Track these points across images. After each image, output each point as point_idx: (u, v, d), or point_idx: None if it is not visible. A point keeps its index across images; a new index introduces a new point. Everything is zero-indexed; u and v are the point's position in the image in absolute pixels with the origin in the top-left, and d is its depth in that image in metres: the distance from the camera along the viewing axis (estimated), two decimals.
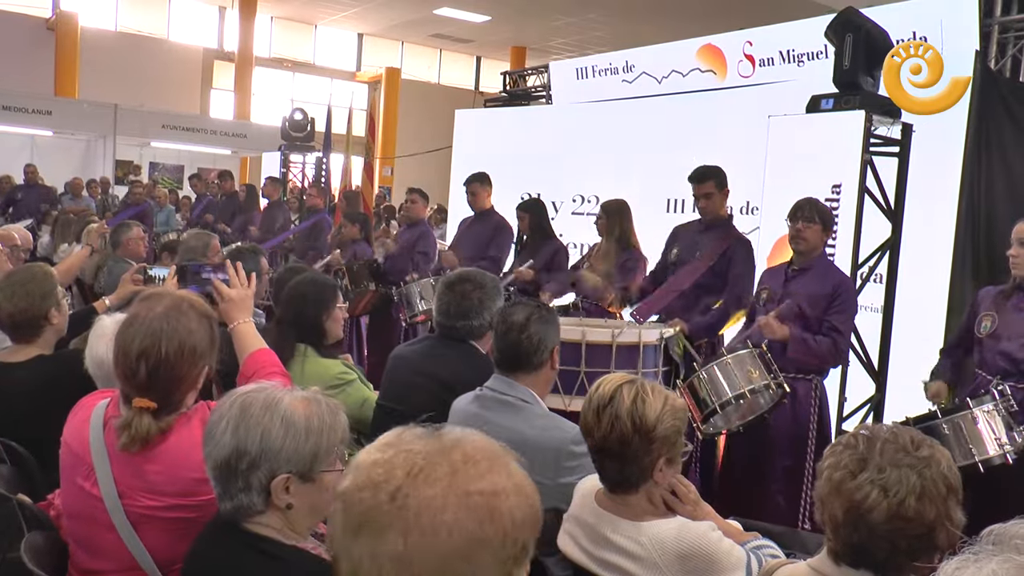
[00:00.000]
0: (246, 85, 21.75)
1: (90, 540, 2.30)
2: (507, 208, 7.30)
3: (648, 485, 2.20)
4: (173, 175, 19.94)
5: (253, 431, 1.81)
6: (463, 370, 3.32)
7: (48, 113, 17.28)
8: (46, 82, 19.67)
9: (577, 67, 10.29)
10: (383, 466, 1.12)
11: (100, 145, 18.10)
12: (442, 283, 3.56)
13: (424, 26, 23.46)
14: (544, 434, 2.72)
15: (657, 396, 2.19)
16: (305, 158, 14.27)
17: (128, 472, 2.22)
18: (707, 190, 5.31)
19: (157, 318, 2.22)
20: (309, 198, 10.92)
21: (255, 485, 1.81)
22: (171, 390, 2.22)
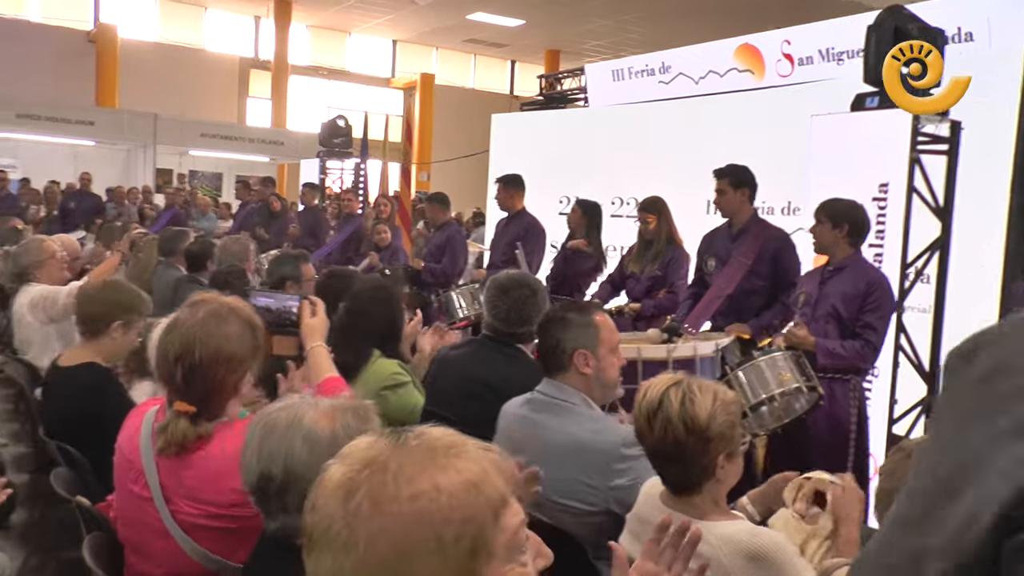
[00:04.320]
0: (282, 93, 21.94)
1: (141, 543, 2.34)
2: (545, 211, 7.28)
3: (711, 484, 2.16)
4: (211, 183, 20.16)
5: (276, 454, 1.77)
6: (511, 374, 3.31)
7: (90, 123, 17.57)
8: (88, 93, 20.03)
9: (613, 69, 10.25)
10: (326, 482, 1.10)
11: (141, 154, 18.35)
12: (495, 288, 3.53)
13: (457, 31, 23.52)
14: (595, 437, 2.69)
15: (706, 393, 2.15)
16: (344, 164, 14.35)
17: (171, 478, 2.25)
18: (720, 187, 5.27)
19: (196, 323, 2.26)
20: (346, 204, 10.97)
21: (291, 506, 1.75)
22: (208, 395, 2.24)
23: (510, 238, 7.25)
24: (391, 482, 1.05)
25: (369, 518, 1.03)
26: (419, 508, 1.04)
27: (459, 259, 7.95)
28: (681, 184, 7.88)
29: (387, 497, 1.04)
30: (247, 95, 24.18)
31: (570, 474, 2.63)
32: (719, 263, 5.29)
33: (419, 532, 1.03)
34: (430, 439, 1.12)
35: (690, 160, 8.09)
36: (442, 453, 1.10)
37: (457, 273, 7.83)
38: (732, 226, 5.31)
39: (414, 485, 1.05)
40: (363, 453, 1.10)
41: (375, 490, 1.05)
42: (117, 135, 18.14)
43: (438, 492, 1.05)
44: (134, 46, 21.28)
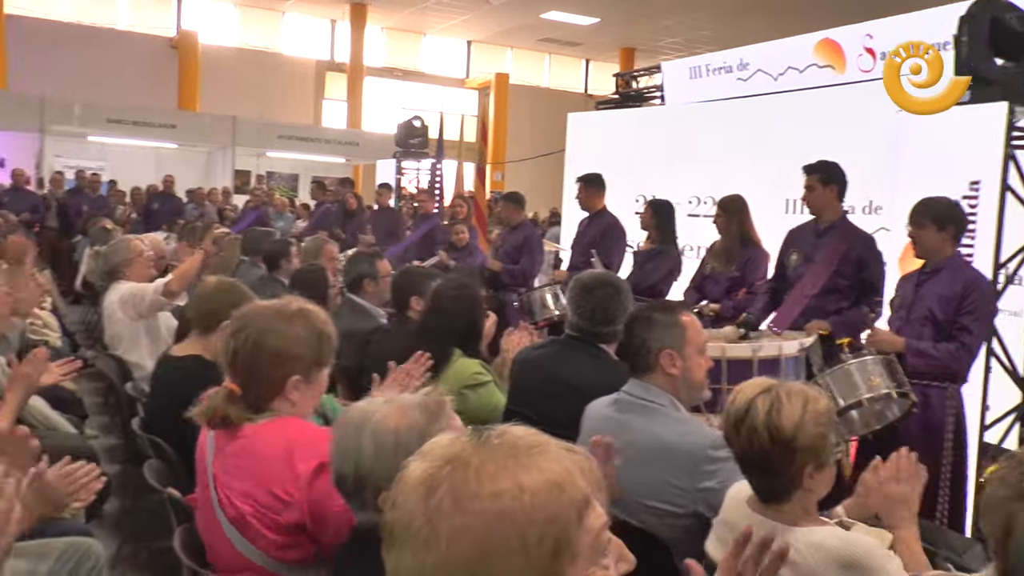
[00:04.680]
0: (357, 95, 22.21)
1: (206, 534, 2.42)
2: (621, 211, 7.23)
3: (800, 493, 2.10)
4: (288, 183, 20.50)
5: (348, 453, 1.81)
6: (594, 374, 3.28)
7: (172, 127, 17.99)
8: (170, 97, 20.64)
9: (690, 66, 10.14)
10: (406, 479, 1.09)
11: (220, 156, 18.74)
12: (579, 287, 3.50)
13: (532, 31, 23.54)
14: (681, 438, 2.65)
15: (795, 402, 2.07)
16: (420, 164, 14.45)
17: (224, 472, 2.31)
18: (809, 183, 5.14)
19: (261, 311, 2.37)
20: (421, 204, 11.04)
21: (369, 503, 1.79)
22: (251, 381, 2.31)
23: (591, 238, 7.21)
24: (473, 479, 1.04)
25: (451, 515, 1.02)
26: (502, 507, 1.03)
27: (537, 259, 7.93)
28: (760, 183, 7.75)
29: (469, 494, 1.03)
30: (323, 97, 24.57)
31: (656, 475, 2.60)
32: (802, 258, 5.18)
33: (502, 531, 1.02)
34: (512, 438, 1.11)
35: (769, 158, 7.96)
36: (524, 452, 1.08)
37: (534, 274, 7.81)
38: (818, 223, 5.20)
39: (497, 483, 1.04)
40: (444, 450, 1.10)
41: (457, 487, 1.04)
42: (198, 138, 18.57)
43: (521, 491, 1.04)
44: (214, 51, 21.85)
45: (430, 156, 13.63)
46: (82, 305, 10.40)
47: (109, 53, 20.85)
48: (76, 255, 11.51)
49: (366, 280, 4.89)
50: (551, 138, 16.40)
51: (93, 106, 16.97)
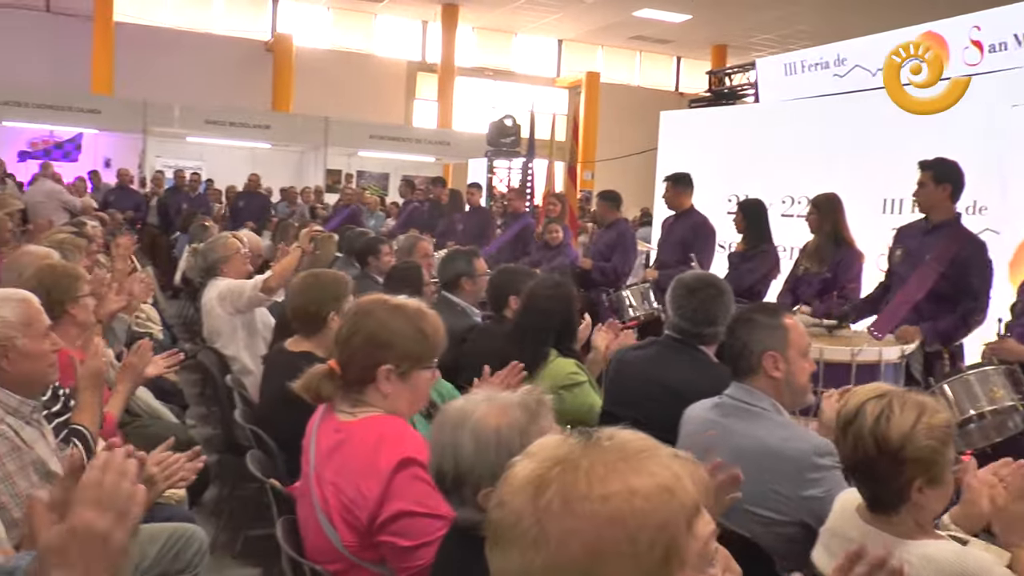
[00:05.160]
0: (448, 94, 22.39)
1: (304, 524, 2.45)
2: (714, 210, 7.12)
3: (909, 507, 2.00)
4: (378, 182, 20.77)
5: (447, 450, 1.81)
6: (694, 377, 3.23)
7: (267, 127, 18.40)
8: (264, 99, 21.16)
9: (785, 63, 9.97)
10: (513, 479, 1.07)
11: (312, 156, 19.09)
12: (682, 287, 3.45)
13: (623, 28, 23.40)
14: (786, 444, 2.59)
15: (908, 412, 1.98)
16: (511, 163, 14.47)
17: (323, 465, 2.35)
18: (922, 179, 4.96)
19: (372, 301, 2.45)
20: (511, 203, 11.06)
21: (467, 499, 1.80)
22: (348, 363, 2.37)
23: (678, 237, 7.13)
24: (583, 481, 1.03)
25: (560, 517, 1.01)
26: (612, 510, 1.02)
27: (629, 258, 7.86)
28: (857, 182, 7.56)
29: (579, 496, 1.02)
30: (414, 97, 24.87)
31: (760, 482, 2.54)
32: (907, 255, 5.02)
33: (612, 534, 1.01)
34: (621, 440, 1.09)
35: (867, 157, 7.77)
36: (634, 455, 1.07)
37: (627, 272, 7.74)
38: (928, 221, 5.04)
39: (607, 486, 1.03)
40: (553, 451, 1.09)
41: (567, 488, 1.03)
42: (291, 138, 18.95)
43: (632, 495, 1.02)
44: (308, 53, 22.32)
45: (521, 155, 13.65)
46: (179, 300, 10.72)
47: (207, 57, 21.58)
48: (175, 251, 11.85)
49: (464, 279, 4.89)
50: (641, 137, 16.32)
51: (192, 108, 17.48)
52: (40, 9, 21.02)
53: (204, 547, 3.02)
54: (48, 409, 2.98)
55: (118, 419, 3.40)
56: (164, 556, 2.88)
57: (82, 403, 3.12)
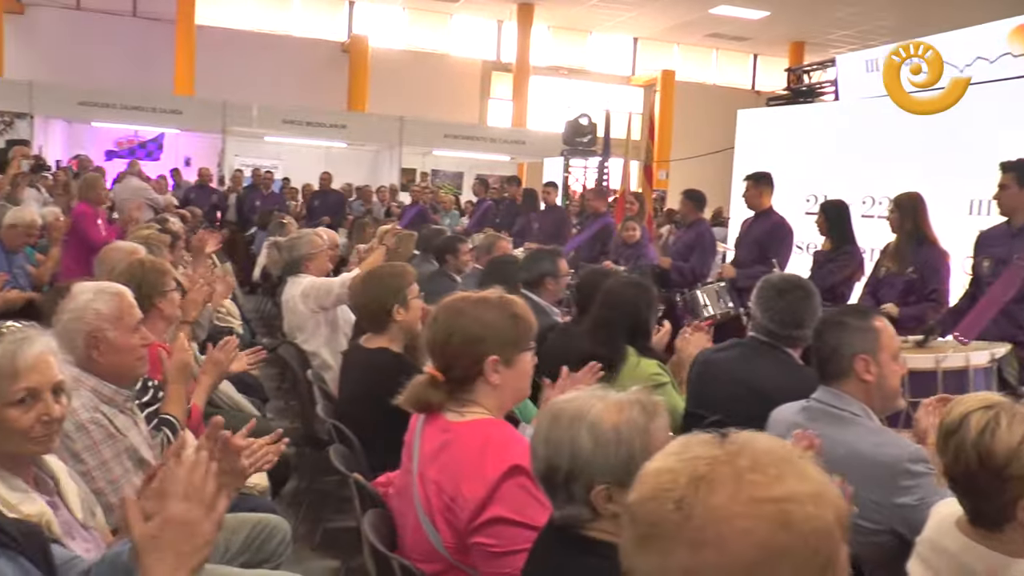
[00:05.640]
0: (523, 94, 22.41)
1: (402, 519, 2.47)
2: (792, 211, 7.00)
3: (1015, 526, 1.89)
4: (453, 181, 20.89)
5: (563, 444, 1.79)
6: (782, 379, 3.18)
7: (342, 127, 18.62)
8: (340, 99, 21.52)
9: (867, 59, 9.76)
10: (667, 475, 1.04)
11: (387, 155, 19.26)
12: (770, 288, 3.39)
13: (699, 26, 23.17)
14: (878, 450, 2.51)
15: (1017, 427, 1.87)
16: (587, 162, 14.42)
17: (427, 463, 2.36)
18: (1004, 181, 4.79)
19: (455, 300, 2.47)
20: (590, 202, 11.02)
21: (577, 496, 1.78)
22: (451, 365, 2.38)
23: (755, 237, 7.02)
24: (758, 481, 1.02)
25: (736, 516, 1.00)
26: (787, 512, 1.00)
27: (708, 259, 7.76)
28: (942, 182, 7.36)
29: (755, 496, 1.01)
30: (488, 96, 24.99)
31: None
32: (995, 264, 4.85)
33: (787, 537, 0.99)
34: (767, 444, 1.08)
35: (953, 156, 7.56)
36: (796, 458, 1.06)
37: (705, 274, 7.65)
38: (1011, 224, 4.87)
39: (780, 487, 1.01)
40: (706, 449, 1.07)
41: (740, 487, 1.02)
42: (366, 137, 19.15)
43: (804, 498, 1.01)
44: (383, 54, 22.61)
45: (597, 154, 13.60)
46: (256, 295, 10.93)
47: (285, 59, 22.05)
48: (253, 248, 12.07)
49: (548, 278, 4.87)
50: (717, 136, 16.13)
51: (269, 108, 17.79)
52: (127, 14, 21.77)
53: (287, 538, 3.07)
54: (138, 400, 3.07)
55: (203, 410, 3.49)
56: (249, 545, 2.93)
57: (170, 394, 3.22)
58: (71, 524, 2.13)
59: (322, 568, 4.15)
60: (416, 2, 23.56)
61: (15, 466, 2.05)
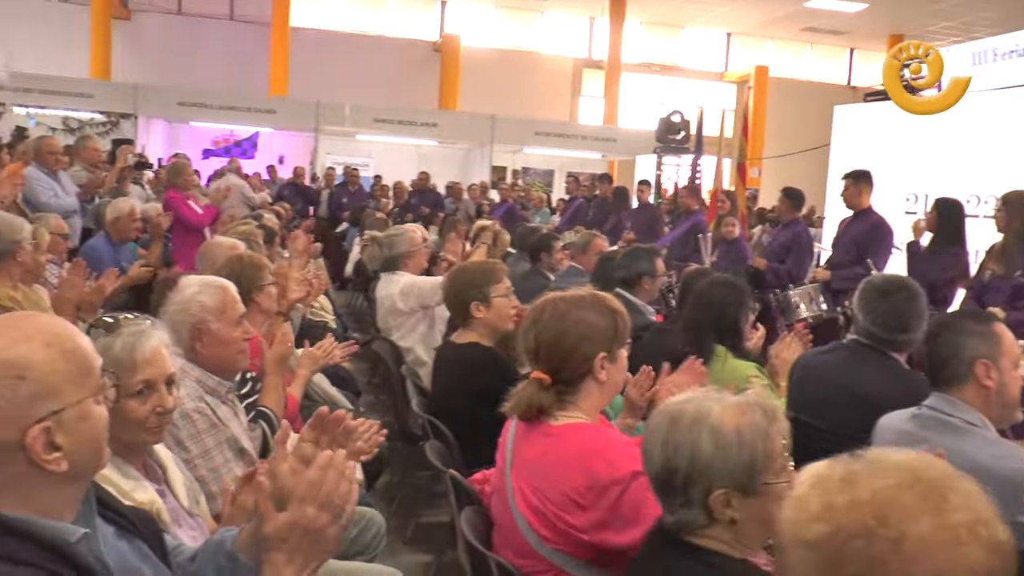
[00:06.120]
0: (614, 91, 22.27)
1: (499, 518, 2.47)
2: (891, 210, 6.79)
3: None
4: (543, 179, 20.90)
5: (682, 446, 1.76)
6: (888, 385, 3.06)
7: (434, 125, 18.78)
8: (432, 97, 21.79)
9: (973, 52, 9.43)
10: (855, 509, 1.02)
11: (478, 153, 19.35)
12: (873, 290, 3.26)
13: (794, 20, 22.71)
14: (998, 462, 2.37)
15: None
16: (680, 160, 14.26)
17: (523, 464, 2.36)
18: None
19: (552, 302, 2.44)
20: (683, 200, 10.90)
21: (694, 500, 1.75)
22: (561, 366, 2.36)
23: (853, 237, 6.84)
24: (941, 508, 1.03)
25: (933, 545, 1.00)
26: (983, 538, 1.02)
27: (805, 260, 7.56)
28: None
29: (949, 524, 1.02)
30: (579, 94, 24.97)
31: None
32: None
33: (992, 563, 1.01)
34: (940, 471, 1.09)
35: None
36: (955, 479, 1.07)
37: (801, 276, 7.48)
38: None
39: (965, 513, 1.03)
40: (874, 480, 1.06)
41: (927, 517, 1.02)
42: (457, 135, 19.28)
43: (987, 522, 1.04)
44: (475, 52, 22.79)
45: (690, 152, 13.43)
46: (347, 290, 11.09)
47: (377, 59, 22.40)
48: (345, 244, 12.25)
49: (645, 278, 4.81)
50: (811, 132, 15.77)
51: (362, 108, 18.05)
52: (224, 17, 22.48)
53: (382, 531, 3.10)
54: (238, 392, 3.13)
55: (299, 402, 3.55)
56: (345, 537, 2.96)
57: (268, 386, 3.28)
58: (178, 511, 2.20)
59: (414, 562, 4.17)
60: (508, 0, 23.64)
61: (128, 454, 2.11)
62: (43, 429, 1.38)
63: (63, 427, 1.40)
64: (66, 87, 16.29)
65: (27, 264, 4.35)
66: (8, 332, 1.41)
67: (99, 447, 1.49)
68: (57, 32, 20.34)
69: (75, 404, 1.42)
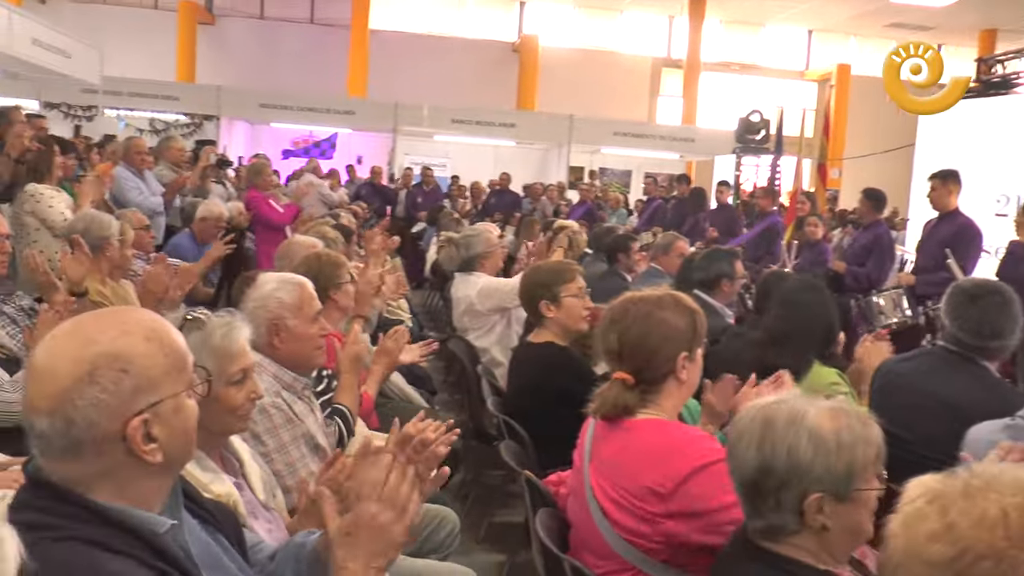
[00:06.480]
0: (693, 90, 22.05)
1: (576, 518, 2.45)
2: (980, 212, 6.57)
3: None
4: (620, 179, 20.79)
5: (779, 447, 1.71)
6: (979, 394, 2.95)
7: (511, 125, 18.83)
8: (509, 98, 21.90)
9: None
10: (996, 528, 1.00)
11: (555, 153, 19.33)
12: (961, 295, 3.15)
13: (879, 16, 22.10)
14: None
15: None
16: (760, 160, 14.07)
17: (602, 461, 2.35)
18: None
19: (633, 302, 2.45)
20: (759, 201, 10.74)
21: (786, 504, 1.71)
22: (646, 366, 2.36)
23: (939, 240, 6.65)
24: None
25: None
26: None
27: (886, 263, 7.37)
28: None
29: None
30: (658, 94, 24.81)
31: None
32: None
33: None
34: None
35: None
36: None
37: (882, 280, 7.29)
38: None
39: None
40: (1019, 478, 1.04)
41: None
42: (535, 136, 19.29)
43: None
44: (553, 52, 22.82)
45: (770, 152, 13.25)
46: (423, 289, 11.16)
47: (456, 60, 22.64)
48: (422, 243, 12.34)
49: (724, 280, 4.72)
50: (895, 132, 15.40)
51: (440, 108, 18.19)
52: (305, 21, 22.94)
53: (456, 530, 3.11)
54: (314, 388, 3.16)
55: (374, 399, 3.58)
56: (419, 534, 2.97)
57: (343, 384, 3.31)
58: (254, 504, 2.23)
59: (487, 562, 4.17)
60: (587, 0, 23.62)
61: (207, 447, 2.15)
62: (142, 421, 1.41)
63: (159, 419, 1.44)
64: (153, 90, 16.86)
65: (115, 260, 4.49)
66: (111, 326, 1.45)
67: (191, 440, 1.53)
68: (147, 38, 21.07)
69: (171, 397, 1.46)
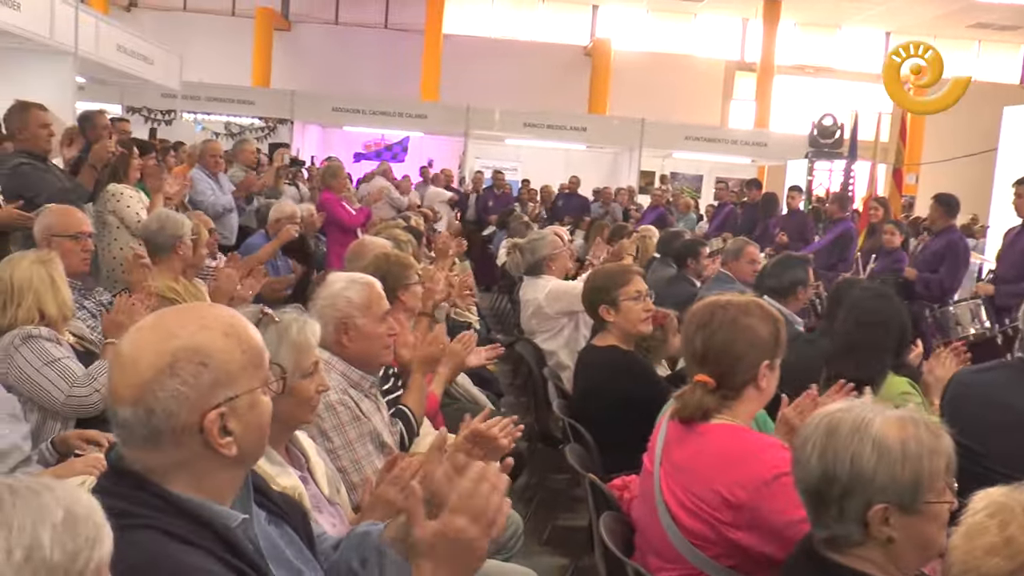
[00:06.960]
0: (766, 94, 21.77)
1: (643, 522, 2.45)
2: None
3: None
4: (691, 184, 20.60)
5: (842, 455, 1.68)
6: None
7: (583, 129, 18.84)
8: (581, 101, 21.92)
9: None
10: None
11: (626, 157, 19.26)
12: None
13: (963, 16, 21.53)
14: None
15: None
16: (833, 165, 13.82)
17: (673, 465, 2.33)
18: None
19: (720, 306, 2.43)
20: (830, 207, 10.55)
21: (850, 514, 1.67)
22: (730, 371, 2.35)
23: (1022, 249, 6.44)
24: None
25: None
26: None
27: (959, 271, 7.15)
28: None
29: None
30: (731, 98, 24.61)
31: None
32: None
33: None
34: None
35: None
36: None
37: (954, 288, 7.10)
38: None
39: None
40: None
41: None
42: (606, 139, 19.26)
43: None
44: (625, 56, 22.83)
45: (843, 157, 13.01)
46: (491, 292, 11.20)
47: (528, 64, 22.80)
48: (492, 247, 12.39)
49: (799, 287, 4.58)
50: (975, 136, 15.02)
51: (511, 112, 18.29)
52: (379, 26, 23.30)
53: (519, 532, 3.11)
54: (380, 387, 3.19)
55: (440, 400, 3.60)
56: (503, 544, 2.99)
57: (412, 385, 3.34)
58: (319, 499, 2.27)
59: (551, 565, 4.17)
60: (660, 3, 23.53)
61: (274, 440, 2.19)
62: (219, 414, 1.44)
63: (236, 413, 1.47)
64: (230, 94, 17.27)
65: (187, 259, 4.58)
66: (191, 320, 1.49)
67: (264, 435, 1.56)
68: (224, 44, 21.63)
69: (248, 392, 1.49)
